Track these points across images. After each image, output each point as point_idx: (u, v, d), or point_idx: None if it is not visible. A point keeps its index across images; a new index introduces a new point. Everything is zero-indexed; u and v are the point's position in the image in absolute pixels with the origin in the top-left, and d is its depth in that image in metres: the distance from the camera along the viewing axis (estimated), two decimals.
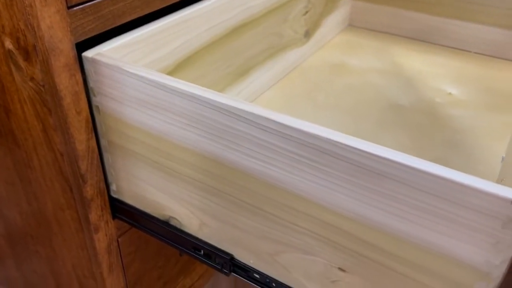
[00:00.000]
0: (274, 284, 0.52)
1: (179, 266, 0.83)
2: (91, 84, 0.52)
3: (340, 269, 0.45)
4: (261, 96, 0.86)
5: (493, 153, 0.75)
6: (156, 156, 0.52)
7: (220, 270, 0.55)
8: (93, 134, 0.55)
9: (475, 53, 1.03)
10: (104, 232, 0.62)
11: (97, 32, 0.51)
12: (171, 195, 0.54)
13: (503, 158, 0.72)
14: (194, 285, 0.89)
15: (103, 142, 0.56)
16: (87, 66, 0.51)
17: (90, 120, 0.54)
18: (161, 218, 0.58)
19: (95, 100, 0.53)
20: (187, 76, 0.67)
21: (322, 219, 0.43)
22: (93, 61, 0.50)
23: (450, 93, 0.91)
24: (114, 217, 0.62)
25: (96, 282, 0.67)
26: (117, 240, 0.65)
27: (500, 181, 0.55)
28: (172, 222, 0.57)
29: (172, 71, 0.64)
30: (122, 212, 0.61)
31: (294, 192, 0.43)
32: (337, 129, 0.77)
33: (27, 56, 0.49)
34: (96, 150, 0.56)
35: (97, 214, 0.59)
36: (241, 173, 0.46)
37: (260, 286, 0.53)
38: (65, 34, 0.47)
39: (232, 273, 0.55)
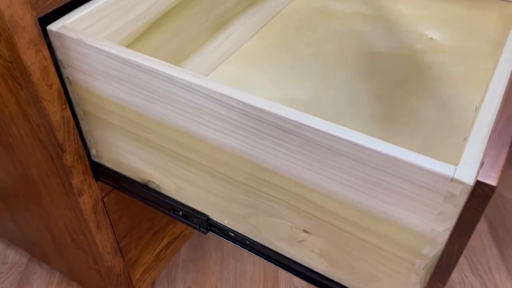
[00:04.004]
0: (247, 242, 0.55)
1: (168, 217, 0.87)
2: (59, 56, 0.52)
3: (304, 230, 0.48)
4: (241, 48, 0.86)
5: (469, 102, 0.76)
6: (128, 126, 0.54)
7: (199, 229, 0.58)
8: (67, 105, 0.56)
9: None
10: (88, 194, 0.64)
11: (60, 4, 0.51)
12: (147, 161, 0.56)
13: (476, 108, 0.73)
14: (184, 232, 0.94)
15: (78, 110, 0.58)
16: (53, 39, 0.51)
17: (62, 91, 0.54)
18: (140, 181, 0.60)
19: (65, 72, 0.54)
20: (162, 35, 0.67)
21: (285, 188, 0.45)
22: (57, 35, 0.50)
23: (431, 38, 0.90)
24: (97, 179, 0.65)
25: (86, 238, 0.71)
26: (103, 200, 0.68)
27: (463, 139, 0.57)
28: (151, 185, 0.60)
29: (146, 32, 0.63)
30: (104, 175, 0.64)
31: (259, 164, 0.45)
32: (315, 80, 0.78)
33: None
34: (72, 119, 0.57)
35: (79, 178, 0.62)
36: (207, 145, 0.48)
37: (235, 243, 0.57)
38: (26, 10, 0.47)
39: (210, 232, 0.58)
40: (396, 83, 0.79)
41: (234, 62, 0.82)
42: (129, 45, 0.61)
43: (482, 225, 1.04)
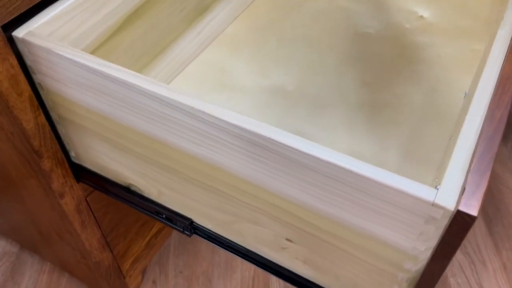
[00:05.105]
0: (233, 246, 0.55)
1: None
2: (28, 62, 0.50)
3: (287, 239, 0.47)
4: (223, 32, 0.83)
5: (458, 87, 0.74)
6: (102, 131, 0.52)
7: (183, 232, 0.58)
8: (41, 111, 0.54)
9: None
10: (70, 196, 0.63)
11: (24, 9, 0.48)
12: (126, 166, 0.55)
13: (465, 94, 0.71)
14: None
15: (53, 115, 0.56)
16: (20, 46, 0.48)
17: (34, 98, 0.52)
18: (122, 184, 0.59)
19: (36, 78, 0.51)
20: (137, 30, 0.64)
21: (265, 199, 0.44)
22: (23, 41, 0.47)
23: (421, 16, 0.87)
24: (78, 180, 0.64)
25: (72, 236, 0.71)
26: (86, 200, 0.67)
27: (449, 139, 0.56)
28: (133, 188, 0.58)
29: (122, 26, 0.60)
30: (85, 177, 0.62)
31: (238, 176, 0.44)
32: (301, 65, 0.75)
33: None
34: (47, 125, 0.55)
35: (60, 181, 0.60)
36: (184, 154, 0.46)
37: (221, 247, 0.56)
38: None
39: (194, 234, 0.58)
40: (384, 67, 0.76)
41: (217, 49, 0.79)
42: (105, 42, 0.59)
43: None
